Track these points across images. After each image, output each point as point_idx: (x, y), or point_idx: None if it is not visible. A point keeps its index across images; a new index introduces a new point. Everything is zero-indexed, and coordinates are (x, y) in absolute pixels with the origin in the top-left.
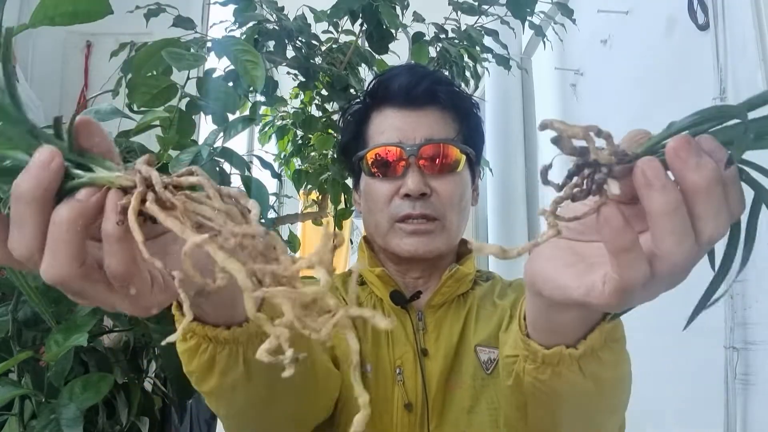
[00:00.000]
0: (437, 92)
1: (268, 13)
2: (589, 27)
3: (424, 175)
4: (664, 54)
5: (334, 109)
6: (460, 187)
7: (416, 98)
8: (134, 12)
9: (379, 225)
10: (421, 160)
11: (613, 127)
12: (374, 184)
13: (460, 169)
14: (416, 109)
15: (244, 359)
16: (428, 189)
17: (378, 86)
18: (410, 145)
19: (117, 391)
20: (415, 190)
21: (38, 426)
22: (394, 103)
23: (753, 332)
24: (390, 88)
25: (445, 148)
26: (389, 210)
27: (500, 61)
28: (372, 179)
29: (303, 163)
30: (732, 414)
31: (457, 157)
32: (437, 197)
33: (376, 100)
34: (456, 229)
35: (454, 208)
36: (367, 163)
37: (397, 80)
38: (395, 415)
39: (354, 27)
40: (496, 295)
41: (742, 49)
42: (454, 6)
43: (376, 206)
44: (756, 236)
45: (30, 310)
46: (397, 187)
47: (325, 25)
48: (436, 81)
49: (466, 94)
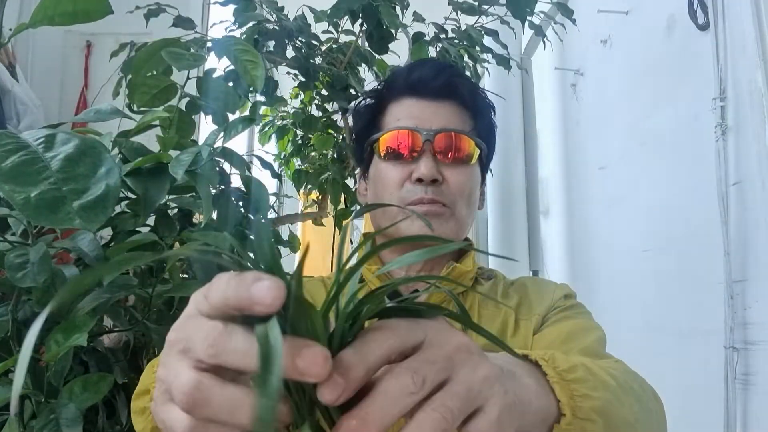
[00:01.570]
0: (456, 86)
1: (268, 13)
2: (589, 27)
3: (438, 163)
4: (664, 54)
5: (334, 109)
6: (471, 180)
7: (435, 90)
8: (134, 12)
9: (387, 210)
10: (436, 147)
11: (613, 127)
12: (386, 168)
13: (472, 162)
14: (434, 100)
15: None
16: (440, 176)
17: (397, 77)
18: (426, 131)
19: (117, 391)
20: (428, 174)
21: (38, 426)
22: (413, 93)
23: (753, 332)
24: (409, 79)
25: (459, 139)
26: (400, 194)
27: (500, 61)
28: (384, 163)
29: (303, 163)
30: (732, 414)
31: (470, 149)
32: (448, 186)
33: (395, 90)
34: (464, 220)
35: (463, 199)
36: (381, 148)
37: (417, 71)
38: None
39: (354, 27)
40: (499, 295)
41: (742, 49)
42: (454, 6)
43: (386, 190)
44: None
45: (30, 310)
46: (409, 172)
47: (325, 25)
48: (456, 75)
49: (483, 93)
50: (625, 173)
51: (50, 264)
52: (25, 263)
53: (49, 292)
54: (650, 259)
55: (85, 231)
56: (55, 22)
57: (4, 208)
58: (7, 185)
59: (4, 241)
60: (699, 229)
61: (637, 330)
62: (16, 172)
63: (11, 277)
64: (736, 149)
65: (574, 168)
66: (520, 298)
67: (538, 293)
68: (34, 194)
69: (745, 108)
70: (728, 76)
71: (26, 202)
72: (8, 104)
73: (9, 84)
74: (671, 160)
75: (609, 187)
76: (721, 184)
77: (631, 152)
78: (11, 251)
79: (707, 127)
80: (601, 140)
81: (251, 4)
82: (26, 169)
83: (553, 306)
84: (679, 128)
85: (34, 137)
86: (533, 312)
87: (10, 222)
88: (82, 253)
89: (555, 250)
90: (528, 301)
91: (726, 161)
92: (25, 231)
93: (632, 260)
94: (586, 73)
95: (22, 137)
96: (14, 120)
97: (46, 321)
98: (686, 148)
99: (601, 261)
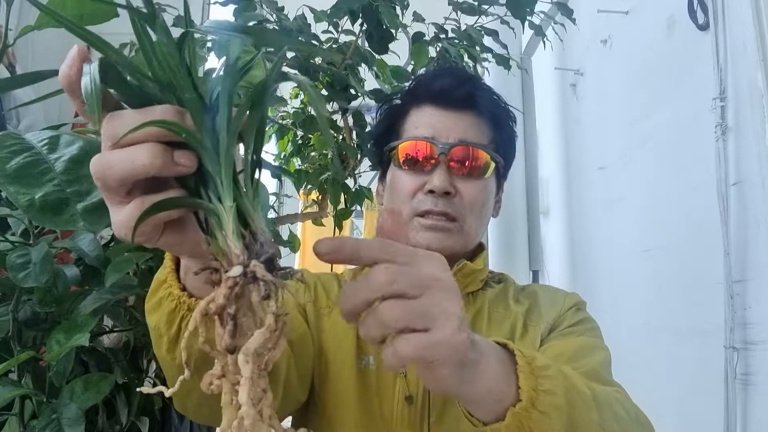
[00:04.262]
0: (477, 98)
1: (268, 13)
2: (589, 27)
3: (452, 175)
4: (664, 54)
5: (334, 109)
6: (485, 192)
7: (456, 100)
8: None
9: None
10: (451, 160)
11: (613, 127)
12: (401, 177)
13: (487, 176)
14: (454, 111)
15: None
16: (453, 189)
17: (419, 85)
18: (443, 144)
19: (117, 391)
20: (440, 187)
21: (39, 425)
22: (434, 102)
23: (753, 332)
24: (431, 88)
25: (476, 151)
26: (411, 203)
27: (500, 61)
28: (400, 171)
29: (303, 163)
30: (732, 414)
31: (486, 162)
32: (460, 199)
33: (417, 97)
34: (473, 233)
35: (474, 212)
36: (398, 155)
37: (439, 81)
38: (395, 407)
39: (354, 27)
40: (510, 298)
41: (742, 49)
42: (454, 6)
43: (399, 198)
44: None
45: (30, 310)
46: (423, 182)
47: (325, 25)
48: (478, 87)
49: (505, 105)
50: (625, 173)
51: (52, 264)
52: (27, 263)
53: (50, 292)
54: (650, 259)
55: (85, 231)
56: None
57: (5, 208)
58: (12, 187)
59: (5, 241)
60: (699, 229)
61: (637, 330)
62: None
63: (13, 277)
64: (736, 149)
65: (574, 168)
66: (530, 304)
67: (548, 301)
68: (39, 196)
69: (745, 108)
70: (728, 76)
71: (31, 203)
72: (8, 104)
73: None
74: (671, 160)
75: (609, 187)
76: (721, 184)
77: (631, 152)
78: (12, 251)
79: (707, 127)
80: (601, 140)
81: (251, 4)
82: (30, 171)
83: (561, 315)
84: (679, 128)
85: (38, 139)
86: (542, 319)
87: (11, 222)
88: (82, 253)
89: (555, 250)
90: (537, 308)
91: (726, 161)
92: (25, 231)
93: (632, 260)
94: (586, 73)
95: (26, 139)
96: (14, 120)
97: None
98: (686, 148)
99: (601, 261)
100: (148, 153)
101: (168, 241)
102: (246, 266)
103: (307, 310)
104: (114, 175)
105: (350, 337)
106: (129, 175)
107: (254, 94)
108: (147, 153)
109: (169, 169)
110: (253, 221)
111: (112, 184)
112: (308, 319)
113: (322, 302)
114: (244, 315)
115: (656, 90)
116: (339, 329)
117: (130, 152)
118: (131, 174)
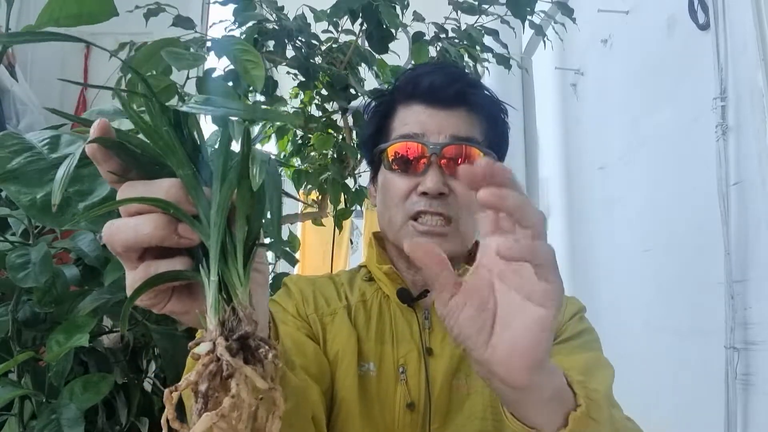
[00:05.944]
0: (467, 95)
1: (268, 13)
2: (589, 27)
3: (444, 175)
4: (664, 54)
5: (333, 108)
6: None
7: (445, 98)
8: (134, 12)
9: (393, 220)
10: (443, 159)
11: (613, 126)
12: (393, 179)
13: None
14: (444, 108)
15: None
16: (447, 189)
17: (407, 82)
18: (433, 143)
19: (117, 392)
20: (434, 189)
21: (39, 426)
22: (422, 99)
23: (753, 332)
24: (420, 85)
25: (468, 149)
26: (405, 206)
27: (500, 60)
28: (391, 173)
29: (303, 163)
30: (732, 414)
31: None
32: (455, 197)
33: (404, 95)
34: (470, 232)
35: (470, 210)
36: (388, 157)
37: (428, 78)
38: (397, 414)
39: (354, 27)
40: None
41: (743, 49)
42: (454, 5)
43: (392, 201)
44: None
45: (29, 310)
46: (415, 184)
47: (325, 25)
48: (468, 84)
49: (496, 99)
50: (625, 173)
51: (51, 264)
52: (27, 263)
53: (50, 292)
54: (650, 259)
55: (85, 231)
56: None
57: (5, 207)
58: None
59: (5, 241)
60: (699, 229)
61: (637, 330)
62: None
63: (13, 277)
64: (736, 149)
65: (574, 168)
66: None
67: None
68: (40, 196)
69: (745, 108)
70: (729, 76)
71: (32, 203)
72: (8, 104)
73: (8, 84)
74: (671, 160)
75: (609, 187)
76: (722, 184)
77: (631, 152)
78: (12, 251)
79: (707, 127)
80: (601, 140)
81: (251, 3)
82: (32, 171)
83: (564, 324)
84: (680, 128)
85: (39, 138)
86: None
87: (10, 222)
88: (81, 253)
89: (555, 250)
90: None
91: (726, 161)
92: (25, 231)
93: (632, 260)
94: (587, 73)
95: (27, 138)
96: (14, 120)
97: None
98: (686, 148)
99: (601, 261)
100: (152, 224)
101: (173, 309)
102: (214, 342)
103: (311, 323)
104: (119, 241)
105: (352, 342)
106: (133, 242)
107: (241, 168)
108: (151, 223)
109: (171, 240)
110: (237, 296)
111: (118, 250)
112: (315, 334)
113: (324, 310)
114: (217, 392)
115: (656, 90)
116: (342, 336)
117: (137, 221)
118: (135, 242)
